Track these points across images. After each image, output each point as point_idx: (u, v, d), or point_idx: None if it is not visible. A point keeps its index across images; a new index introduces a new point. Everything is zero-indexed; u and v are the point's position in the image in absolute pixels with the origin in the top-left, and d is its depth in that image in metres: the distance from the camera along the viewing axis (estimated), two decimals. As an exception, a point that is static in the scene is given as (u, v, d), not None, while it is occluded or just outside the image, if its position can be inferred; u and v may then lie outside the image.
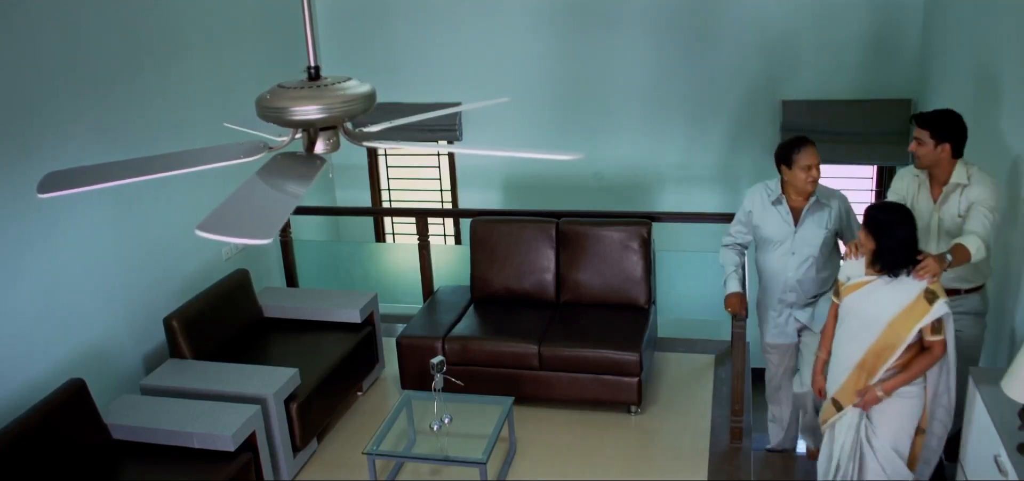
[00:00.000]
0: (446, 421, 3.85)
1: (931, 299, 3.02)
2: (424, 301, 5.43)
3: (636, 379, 4.30)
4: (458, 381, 4.26)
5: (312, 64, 2.08)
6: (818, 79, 5.64)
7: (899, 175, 3.71)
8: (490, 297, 5.00)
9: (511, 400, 4.08)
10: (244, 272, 4.84)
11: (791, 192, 3.83)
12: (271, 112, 2.00)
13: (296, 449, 4.07)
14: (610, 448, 4.19)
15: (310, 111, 1.97)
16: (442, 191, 6.75)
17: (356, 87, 2.05)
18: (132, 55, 4.27)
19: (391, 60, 6.28)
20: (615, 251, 4.78)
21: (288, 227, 5.63)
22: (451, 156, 6.53)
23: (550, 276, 4.90)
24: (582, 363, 4.36)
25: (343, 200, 6.79)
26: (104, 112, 4.08)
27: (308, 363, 4.30)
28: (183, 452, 3.62)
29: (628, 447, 4.19)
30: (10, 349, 3.61)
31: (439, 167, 6.71)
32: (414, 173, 6.83)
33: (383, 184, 6.85)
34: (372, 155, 6.71)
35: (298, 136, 2.11)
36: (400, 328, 4.90)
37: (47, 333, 3.79)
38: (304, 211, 5.81)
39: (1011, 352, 3.28)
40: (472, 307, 4.97)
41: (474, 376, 4.46)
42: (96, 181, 2.03)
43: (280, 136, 2.18)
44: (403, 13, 6.20)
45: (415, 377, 4.56)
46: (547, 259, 4.90)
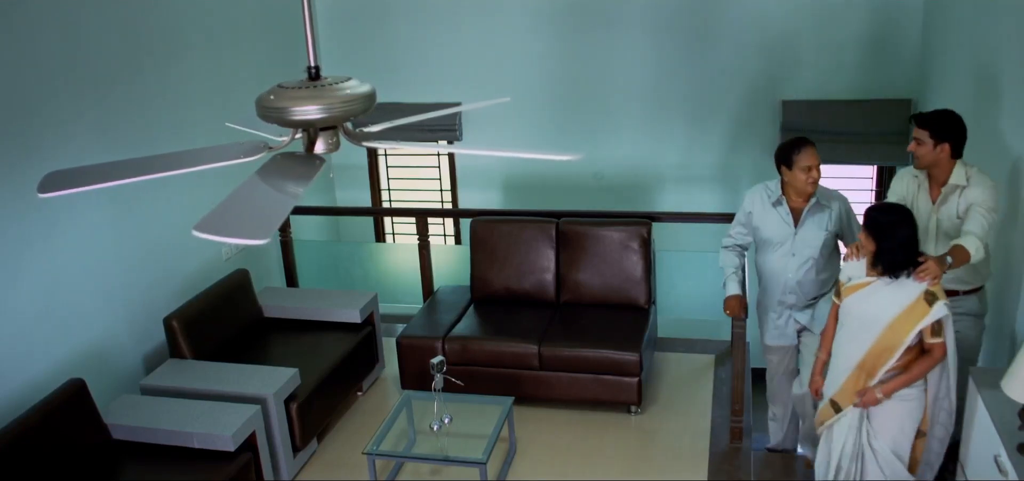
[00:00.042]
0: (446, 421, 3.84)
1: (931, 301, 3.02)
2: (424, 301, 5.43)
3: (636, 379, 4.30)
4: (458, 381, 4.25)
5: (312, 64, 2.07)
6: (818, 79, 5.64)
7: (899, 175, 3.70)
8: (490, 297, 5.00)
9: (511, 400, 4.08)
10: (244, 272, 4.84)
11: (791, 193, 3.81)
12: (271, 112, 2.00)
13: (296, 449, 4.07)
14: (610, 448, 4.19)
15: (310, 111, 1.96)
16: (442, 191, 6.75)
17: (356, 87, 2.04)
18: (132, 55, 4.27)
19: (391, 60, 6.28)
20: (615, 251, 4.78)
21: (288, 227, 5.63)
22: (451, 156, 6.53)
23: (550, 276, 4.90)
24: (582, 363, 4.36)
25: (343, 200, 6.79)
26: (104, 112, 4.08)
27: (308, 363, 4.30)
28: (183, 452, 3.62)
29: (628, 447, 4.19)
30: (10, 349, 3.61)
31: (439, 167, 6.71)
32: (414, 173, 6.83)
33: (383, 184, 6.85)
34: (372, 155, 6.71)
35: (298, 136, 2.11)
36: (400, 328, 4.90)
37: (47, 333, 3.79)
38: (304, 211, 5.81)
39: (1011, 352, 3.28)
40: (472, 307, 4.97)
41: (474, 376, 4.46)
42: (96, 181, 2.03)
43: (281, 136, 2.18)
44: (403, 13, 6.20)
45: (415, 377, 4.56)
46: (547, 259, 4.90)
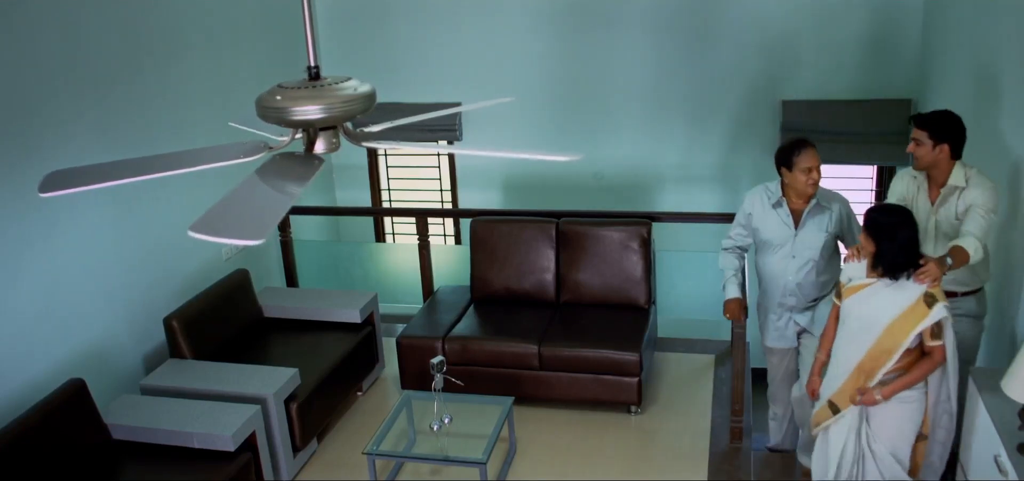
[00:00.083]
0: (446, 421, 3.84)
1: (930, 302, 3.01)
2: (424, 301, 5.43)
3: (636, 379, 4.30)
4: (458, 381, 4.25)
5: (312, 64, 2.07)
6: (818, 79, 5.64)
7: (898, 176, 3.70)
8: (490, 297, 5.00)
9: (511, 400, 4.08)
10: (244, 272, 4.84)
11: (791, 195, 3.80)
12: (271, 112, 2.00)
13: (296, 449, 4.07)
14: (610, 448, 4.19)
15: (310, 111, 1.96)
16: (442, 191, 6.75)
17: (356, 87, 2.04)
18: (132, 55, 4.27)
19: (391, 60, 6.28)
20: (615, 251, 4.77)
21: (288, 227, 5.63)
22: (451, 156, 6.53)
23: (550, 276, 4.90)
24: (582, 363, 4.36)
25: (343, 200, 6.79)
26: (104, 112, 4.08)
27: (308, 363, 4.30)
28: (183, 452, 3.62)
29: (628, 447, 4.19)
30: (10, 349, 3.61)
31: (439, 167, 6.71)
32: (414, 173, 6.83)
33: (383, 184, 6.85)
34: (372, 155, 6.70)
35: (298, 136, 2.11)
36: (400, 328, 4.90)
37: (47, 333, 3.79)
38: (304, 211, 5.82)
39: (1011, 352, 3.28)
40: (472, 307, 4.97)
41: (474, 376, 4.45)
42: (98, 180, 2.03)
43: (281, 136, 2.18)
44: (403, 13, 6.20)
45: (415, 377, 4.56)
46: (547, 259, 4.90)
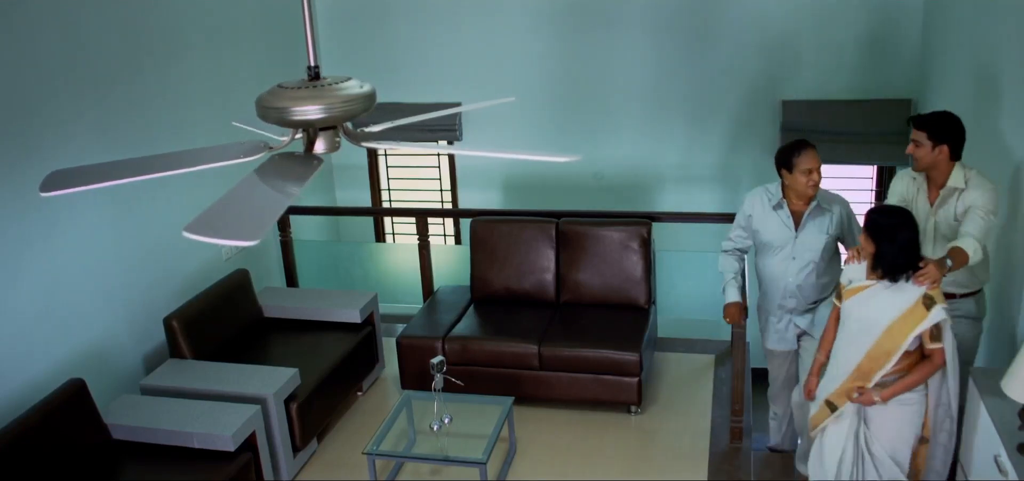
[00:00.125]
0: (446, 421, 3.84)
1: (928, 304, 3.00)
2: (424, 301, 5.43)
3: (636, 379, 4.30)
4: (458, 381, 4.25)
5: (312, 64, 2.07)
6: (818, 79, 5.64)
7: (898, 176, 3.69)
8: (490, 297, 5.00)
9: (511, 400, 4.08)
10: (244, 272, 4.84)
11: (792, 196, 3.79)
12: (271, 112, 2.00)
13: (296, 449, 4.07)
14: (610, 448, 4.19)
15: (310, 111, 1.96)
16: (442, 191, 6.75)
17: (356, 87, 2.04)
18: (132, 55, 4.27)
19: (391, 60, 6.27)
20: (615, 251, 4.77)
21: (288, 227, 5.63)
22: (451, 156, 6.53)
23: (550, 276, 4.90)
24: (582, 363, 4.36)
25: (343, 200, 6.79)
26: (104, 112, 4.08)
27: (308, 363, 4.29)
28: (183, 452, 3.62)
29: (628, 447, 4.19)
30: (10, 349, 3.61)
31: (439, 167, 6.70)
32: (414, 173, 6.83)
33: (383, 184, 6.85)
34: (372, 155, 6.70)
35: (298, 136, 2.11)
36: (400, 328, 4.90)
37: (47, 333, 3.79)
38: (304, 211, 5.82)
39: (1011, 352, 3.28)
40: (472, 307, 4.97)
41: (474, 376, 4.45)
42: (99, 180, 2.03)
43: (282, 136, 2.18)
44: (403, 13, 6.20)
45: (415, 377, 4.55)
46: (547, 259, 4.89)
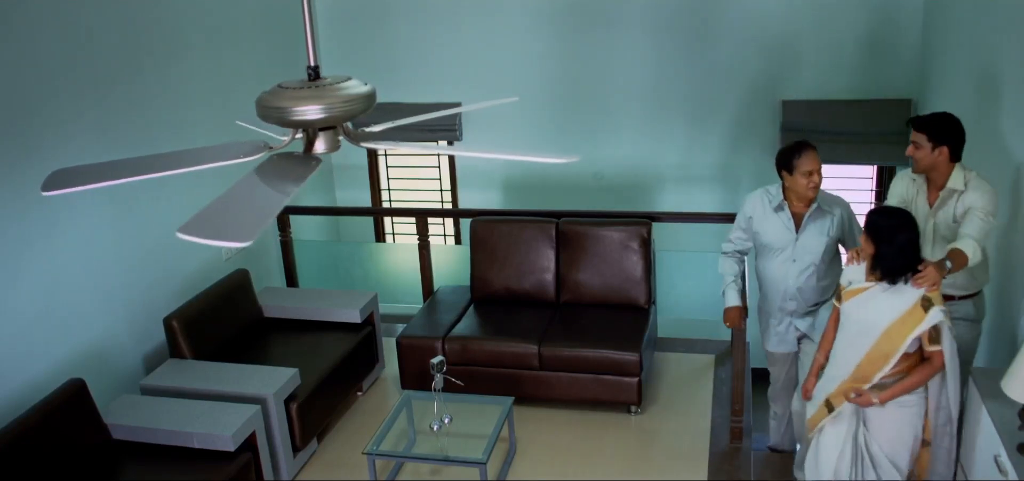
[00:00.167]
0: (446, 421, 3.84)
1: (927, 306, 2.98)
2: (424, 301, 5.43)
3: (636, 379, 4.30)
4: (458, 381, 4.25)
5: (312, 64, 2.07)
6: (818, 79, 5.64)
7: (899, 176, 3.68)
8: (490, 297, 4.99)
9: (511, 400, 4.08)
10: (244, 272, 4.84)
11: (793, 198, 3.77)
12: (271, 112, 2.00)
13: (296, 449, 4.07)
14: (610, 448, 4.19)
15: (310, 111, 1.96)
16: (442, 191, 6.75)
17: (356, 87, 2.04)
18: (132, 55, 4.27)
19: (391, 60, 6.28)
20: (615, 251, 4.77)
21: (288, 227, 5.63)
22: (451, 156, 6.53)
23: (550, 276, 4.90)
24: (582, 363, 4.36)
25: (343, 200, 6.79)
26: (104, 112, 4.08)
27: (308, 363, 4.29)
28: (183, 452, 3.62)
29: (628, 447, 4.19)
30: (10, 349, 3.61)
31: (439, 167, 6.71)
32: (414, 173, 6.83)
33: (383, 184, 6.85)
34: (372, 155, 6.70)
35: (298, 136, 2.11)
36: (400, 328, 4.90)
37: (47, 333, 3.79)
38: (304, 211, 5.82)
39: (1011, 352, 3.28)
40: (472, 307, 4.97)
41: (474, 376, 4.45)
42: (101, 179, 2.03)
43: (284, 136, 2.18)
44: (403, 13, 6.20)
45: (415, 377, 4.56)
46: (547, 259, 4.89)
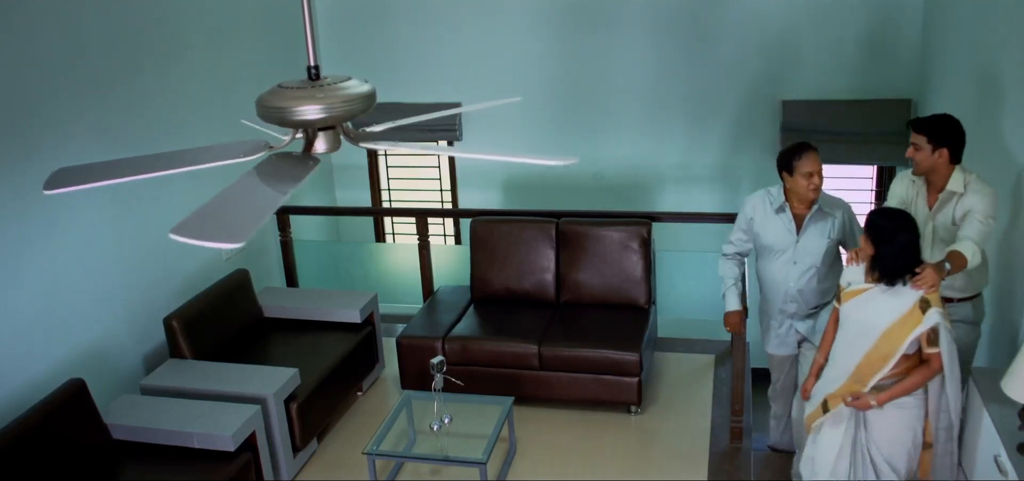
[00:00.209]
0: (446, 421, 3.84)
1: (924, 308, 2.97)
2: (424, 301, 5.43)
3: (636, 379, 4.30)
4: (458, 381, 4.25)
5: (312, 64, 2.07)
6: (818, 79, 5.64)
7: (899, 177, 3.68)
8: (490, 297, 4.99)
9: (511, 400, 4.08)
10: (244, 272, 4.84)
11: (793, 200, 3.76)
12: (271, 112, 2.00)
13: (296, 449, 4.07)
14: (610, 448, 4.19)
15: (310, 111, 1.96)
16: (442, 191, 6.75)
17: (356, 87, 2.04)
18: (132, 55, 4.27)
19: (391, 60, 6.28)
20: (615, 251, 4.77)
21: (288, 227, 5.63)
22: (451, 156, 6.53)
23: (550, 276, 4.90)
24: (582, 363, 4.36)
25: (343, 200, 6.79)
26: (104, 112, 4.08)
27: (308, 363, 4.29)
28: (183, 452, 3.62)
29: (628, 447, 4.19)
30: (10, 349, 3.61)
31: (439, 167, 6.71)
32: (414, 173, 6.83)
33: (383, 184, 6.85)
34: (372, 155, 6.70)
35: (298, 136, 2.11)
36: (400, 328, 4.90)
37: (47, 333, 3.79)
38: (304, 211, 5.82)
39: (1011, 352, 3.28)
40: (472, 307, 4.97)
41: (474, 376, 4.45)
42: (103, 178, 2.03)
43: (284, 135, 2.18)
44: (403, 13, 6.20)
45: (415, 377, 4.55)
46: (547, 259, 4.89)
